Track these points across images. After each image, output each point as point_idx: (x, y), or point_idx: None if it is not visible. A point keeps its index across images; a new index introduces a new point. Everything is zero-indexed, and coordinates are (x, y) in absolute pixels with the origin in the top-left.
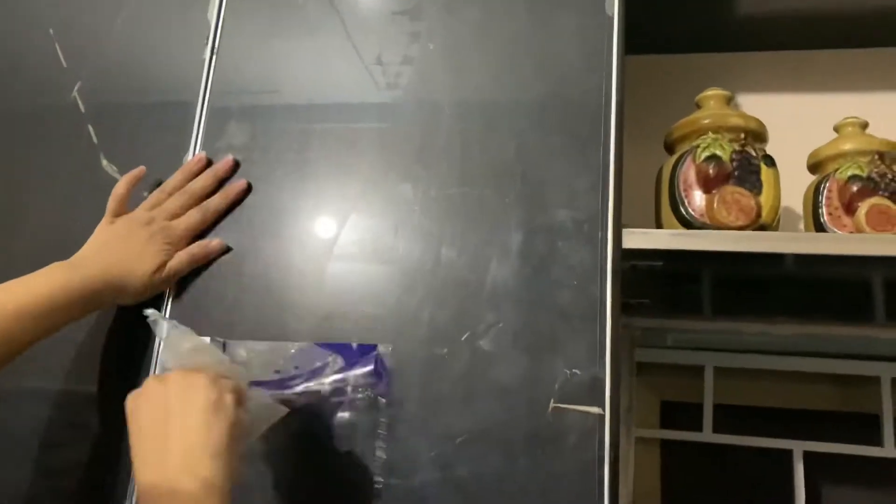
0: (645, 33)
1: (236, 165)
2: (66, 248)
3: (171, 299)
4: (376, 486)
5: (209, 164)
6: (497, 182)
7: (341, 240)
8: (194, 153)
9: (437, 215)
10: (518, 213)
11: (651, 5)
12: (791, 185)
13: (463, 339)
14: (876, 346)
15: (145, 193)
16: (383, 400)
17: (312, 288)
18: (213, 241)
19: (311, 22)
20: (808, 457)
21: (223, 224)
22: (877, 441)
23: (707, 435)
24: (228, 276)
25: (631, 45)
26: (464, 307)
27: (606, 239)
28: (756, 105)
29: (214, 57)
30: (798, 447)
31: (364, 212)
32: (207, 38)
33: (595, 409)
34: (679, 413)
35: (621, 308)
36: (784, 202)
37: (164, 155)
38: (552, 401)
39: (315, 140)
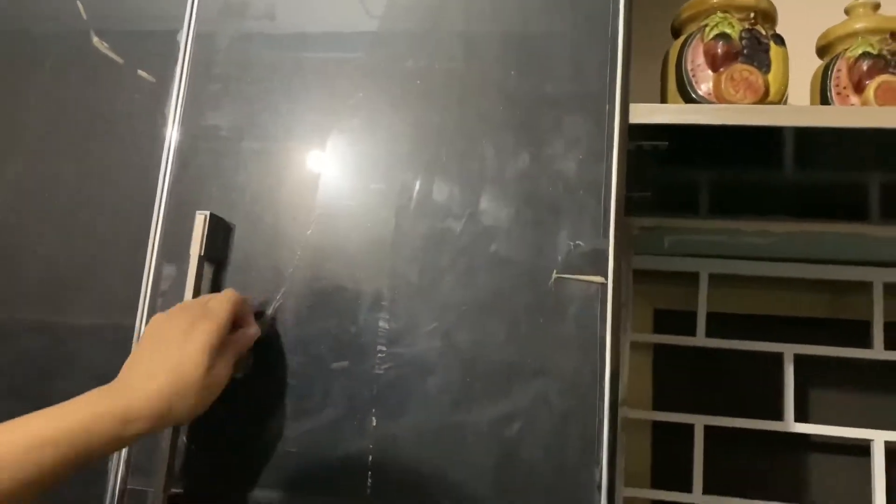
0: None
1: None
2: (57, 133)
3: (169, 174)
4: (380, 354)
5: None
6: (501, 55)
7: (344, 115)
8: (189, 28)
9: (441, 90)
10: (524, 87)
11: None
12: (800, 73)
13: (465, 213)
14: (869, 249)
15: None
16: None
17: (314, 165)
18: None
19: None
20: (799, 361)
21: (221, 99)
22: (867, 346)
23: (700, 339)
24: (228, 152)
25: None
26: (465, 181)
27: (614, 112)
28: None
29: None
30: (789, 350)
31: (369, 87)
32: None
33: (598, 279)
34: (672, 321)
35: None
36: (792, 91)
37: (158, 29)
38: (555, 271)
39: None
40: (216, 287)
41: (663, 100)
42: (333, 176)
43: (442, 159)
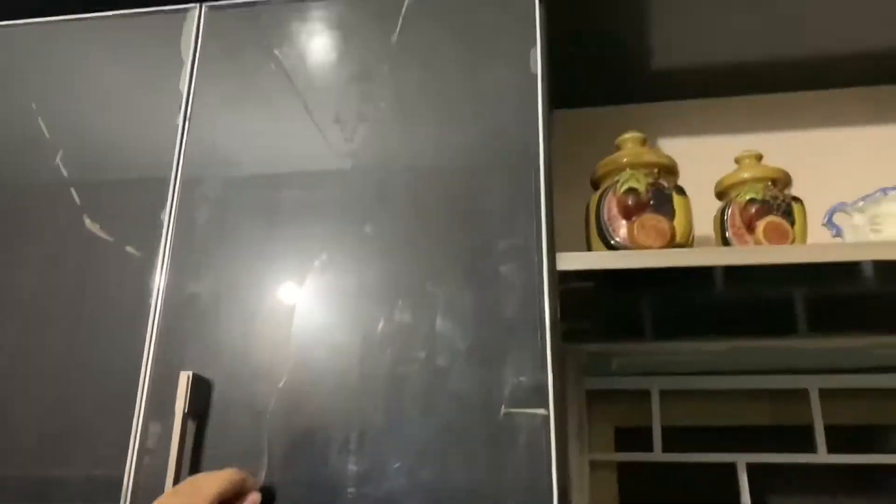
0: (573, 90)
1: None
2: (52, 301)
3: (154, 338)
4: (349, 496)
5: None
6: (446, 217)
7: (309, 278)
8: (170, 211)
9: (395, 250)
10: (465, 244)
11: (575, 64)
12: (705, 214)
13: (421, 358)
14: (803, 358)
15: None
16: None
17: (285, 323)
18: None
19: (277, 84)
20: (752, 468)
21: (201, 270)
22: (811, 449)
23: (657, 455)
24: (207, 316)
25: (562, 100)
26: (420, 330)
27: (542, 261)
28: (669, 147)
29: (187, 123)
30: (741, 459)
31: (330, 250)
32: (180, 106)
33: (541, 411)
34: (633, 437)
35: (565, 334)
36: (700, 230)
37: (143, 211)
38: (503, 406)
39: (282, 189)
40: (199, 441)
41: (588, 244)
42: (303, 331)
43: (398, 309)
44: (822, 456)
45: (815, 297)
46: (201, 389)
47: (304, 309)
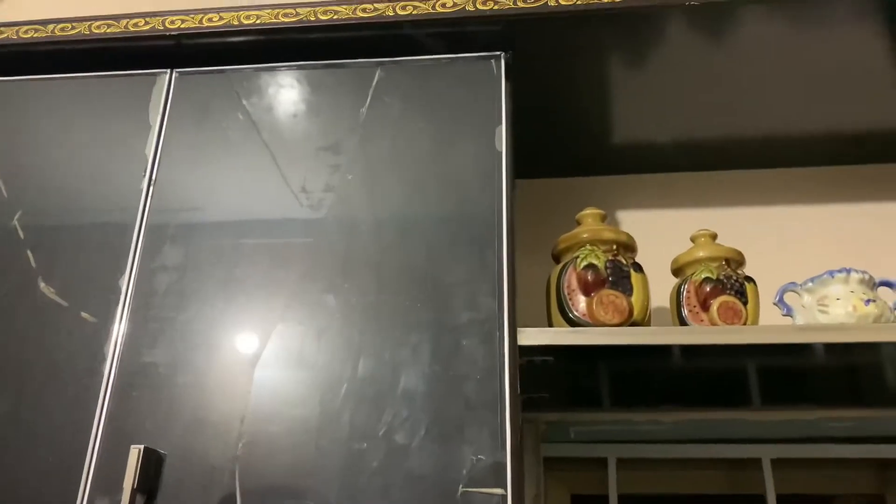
0: (536, 161)
1: None
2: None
3: (105, 408)
4: None
5: None
6: (409, 289)
7: (269, 348)
8: (130, 274)
9: (357, 321)
10: (427, 316)
11: (538, 138)
12: (662, 287)
13: (380, 434)
14: (755, 428)
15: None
16: None
17: (242, 395)
18: None
19: (242, 154)
20: None
21: (158, 338)
22: None
23: None
24: (162, 386)
25: (525, 170)
26: (380, 404)
27: (503, 337)
28: (628, 220)
29: (151, 188)
30: None
31: (291, 320)
32: (145, 171)
33: (498, 490)
34: None
35: (524, 403)
36: (657, 303)
37: (101, 276)
38: (461, 485)
39: (244, 257)
40: None
41: (549, 317)
42: (258, 403)
43: (358, 384)
44: None
45: (767, 371)
46: (153, 463)
47: (260, 380)
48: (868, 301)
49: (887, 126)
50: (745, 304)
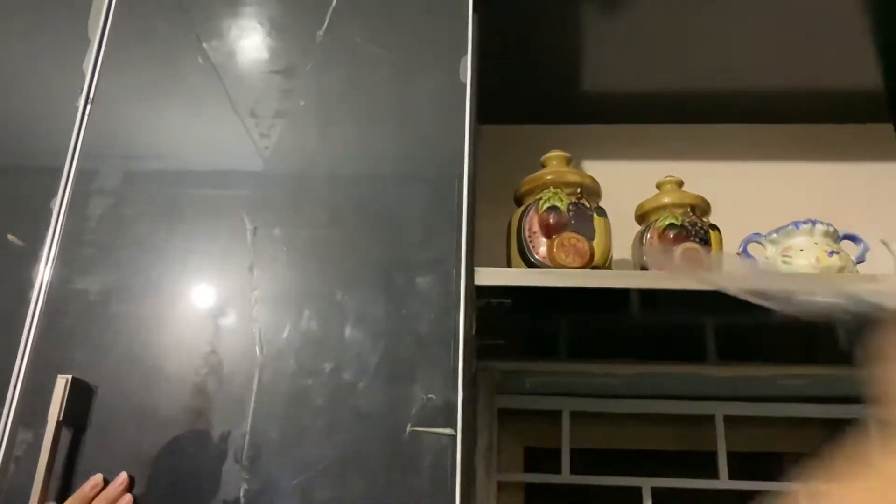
0: (502, 106)
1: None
2: None
3: (32, 336)
4: None
5: (105, 484)
6: (362, 224)
7: (211, 280)
8: (63, 197)
9: (306, 255)
10: (381, 253)
11: (505, 80)
12: (625, 239)
13: (327, 371)
14: (710, 385)
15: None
16: None
17: (181, 328)
18: None
19: (187, 74)
20: (656, 492)
21: (91, 265)
22: (714, 474)
23: (565, 477)
24: (95, 316)
25: (490, 116)
26: (328, 341)
27: (460, 275)
28: (594, 170)
29: (88, 107)
30: (646, 484)
31: (235, 253)
32: (82, 88)
33: (448, 431)
34: (542, 458)
35: (480, 351)
36: (620, 253)
37: (31, 197)
38: (409, 425)
39: (187, 183)
40: (74, 451)
41: (508, 261)
42: (197, 337)
43: (305, 320)
44: (723, 482)
45: (725, 325)
46: (81, 395)
47: (202, 313)
48: (832, 253)
49: (853, 86)
50: (708, 251)
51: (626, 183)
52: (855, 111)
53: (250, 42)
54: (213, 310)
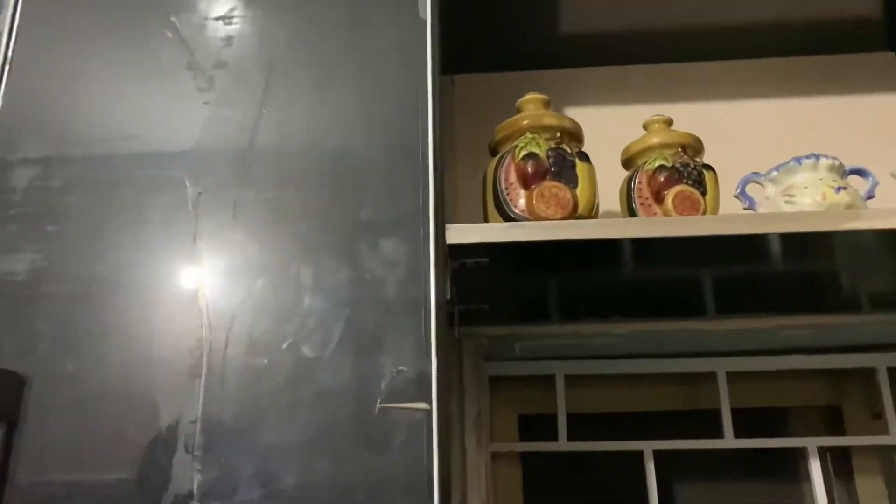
0: (475, 53)
1: None
2: None
3: None
4: None
5: None
6: (317, 183)
7: (152, 252)
8: None
9: (257, 220)
10: (340, 214)
11: (475, 25)
12: (611, 187)
13: (284, 346)
14: (710, 341)
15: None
16: None
17: (119, 308)
18: None
19: (116, 18)
20: (658, 455)
21: (18, 242)
22: (718, 434)
23: (562, 444)
24: (24, 299)
25: (463, 64)
26: (284, 313)
27: (429, 234)
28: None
29: (7, 66)
30: (648, 447)
31: (177, 220)
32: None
33: (422, 405)
34: (537, 425)
35: (463, 315)
36: (605, 205)
37: None
38: (379, 401)
39: (123, 144)
40: (7, 449)
41: (485, 217)
42: (139, 317)
43: (258, 292)
44: (728, 441)
45: (724, 275)
46: (11, 388)
47: (142, 290)
48: (839, 189)
49: (849, 14)
50: (703, 194)
51: (611, 129)
52: (852, 40)
53: None
54: (154, 286)
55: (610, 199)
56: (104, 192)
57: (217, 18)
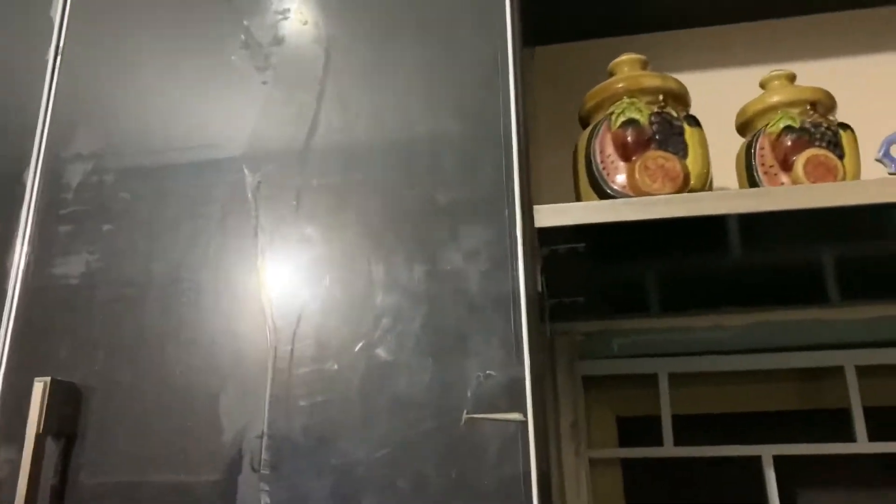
0: (557, 20)
1: None
2: None
3: (9, 337)
4: None
5: None
6: (386, 165)
7: (213, 254)
8: (36, 167)
9: (319, 208)
10: (412, 199)
11: None
12: (723, 159)
13: (356, 349)
14: (835, 331)
15: None
16: None
17: (180, 314)
18: None
19: (168, 9)
20: (779, 460)
21: (71, 244)
22: (849, 436)
23: (668, 449)
24: (79, 304)
25: (546, 35)
26: (354, 312)
27: (514, 216)
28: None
29: (59, 58)
30: (767, 452)
31: (237, 212)
32: (51, 39)
33: (516, 416)
34: (638, 427)
35: (554, 310)
36: (721, 180)
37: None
38: (465, 411)
39: (177, 139)
40: (65, 465)
41: (577, 197)
42: (198, 321)
43: (325, 289)
44: (861, 444)
45: (857, 256)
46: (68, 399)
47: (202, 292)
48: None
49: None
50: (840, 158)
51: (719, 95)
52: None
53: None
54: (213, 286)
55: (722, 173)
56: (159, 185)
57: None
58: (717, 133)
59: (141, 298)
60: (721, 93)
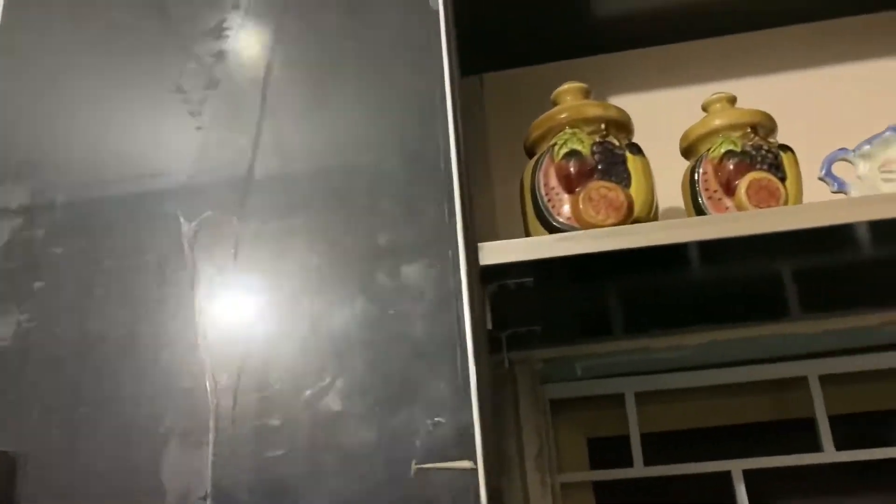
0: (503, 47)
1: None
2: None
3: None
4: None
5: None
6: (323, 207)
7: (148, 308)
8: None
9: (261, 255)
10: (352, 241)
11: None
12: (670, 185)
13: (301, 401)
14: (796, 343)
15: None
16: None
17: (114, 373)
18: None
19: (99, 45)
20: (749, 473)
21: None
22: (816, 446)
23: (638, 470)
24: (11, 369)
25: (493, 61)
26: (295, 364)
27: (458, 256)
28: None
29: None
30: (737, 466)
31: (173, 264)
32: None
33: (465, 464)
34: (608, 448)
35: (511, 340)
36: (665, 202)
37: None
38: (414, 461)
39: (111, 186)
40: None
41: (525, 230)
42: (136, 379)
43: (266, 340)
44: (829, 454)
45: (811, 270)
46: (2, 469)
47: (138, 348)
48: None
49: None
50: (782, 180)
51: (664, 116)
52: None
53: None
54: (150, 342)
55: (668, 196)
56: (92, 238)
57: (206, 33)
58: (666, 154)
59: (76, 357)
60: (668, 113)
